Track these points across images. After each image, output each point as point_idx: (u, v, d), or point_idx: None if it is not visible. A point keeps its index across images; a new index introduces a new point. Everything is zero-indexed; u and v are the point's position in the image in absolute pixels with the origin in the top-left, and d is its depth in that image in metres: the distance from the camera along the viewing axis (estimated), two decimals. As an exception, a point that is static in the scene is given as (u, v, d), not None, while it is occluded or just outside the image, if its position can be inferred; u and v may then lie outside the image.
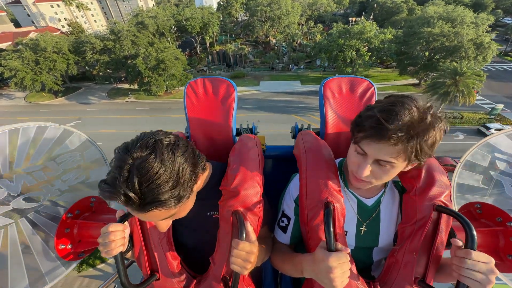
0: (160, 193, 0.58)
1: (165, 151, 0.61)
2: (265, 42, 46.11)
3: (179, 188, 0.62)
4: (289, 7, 36.91)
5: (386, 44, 24.90)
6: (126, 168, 0.57)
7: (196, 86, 1.16)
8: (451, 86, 18.46)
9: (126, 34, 28.96)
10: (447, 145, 18.52)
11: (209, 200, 0.89)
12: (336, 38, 25.79)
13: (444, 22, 24.32)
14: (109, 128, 23.44)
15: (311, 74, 34.58)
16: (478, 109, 22.73)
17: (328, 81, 1.14)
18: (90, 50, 28.76)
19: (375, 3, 44.27)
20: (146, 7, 51.69)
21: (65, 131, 1.19)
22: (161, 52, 25.80)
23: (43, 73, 27.47)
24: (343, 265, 0.63)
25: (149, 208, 0.59)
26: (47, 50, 27.64)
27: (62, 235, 0.98)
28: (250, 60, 39.39)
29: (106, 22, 36.28)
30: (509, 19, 47.89)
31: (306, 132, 1.10)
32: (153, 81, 25.24)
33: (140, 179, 0.56)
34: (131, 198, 0.56)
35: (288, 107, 25.95)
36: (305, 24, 41.49)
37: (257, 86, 31.42)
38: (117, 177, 0.56)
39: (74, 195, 1.13)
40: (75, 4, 53.00)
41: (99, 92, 32.57)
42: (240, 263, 0.68)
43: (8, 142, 1.02)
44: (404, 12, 36.82)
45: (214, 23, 37.03)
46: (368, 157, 0.68)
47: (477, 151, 1.13)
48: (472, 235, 0.63)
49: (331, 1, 49.63)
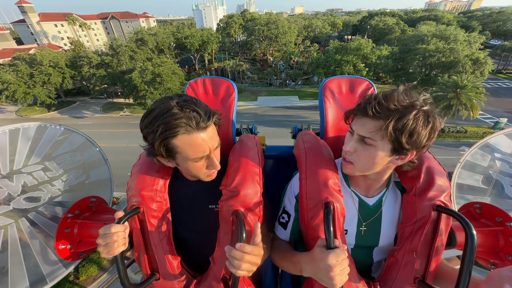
0: (208, 108, 0.75)
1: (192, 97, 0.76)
2: (262, 60, 47.21)
3: (208, 107, 0.76)
4: (286, 27, 38.19)
5: (382, 60, 25.11)
6: (174, 105, 0.69)
7: (196, 86, 1.17)
8: (453, 99, 18.08)
9: (125, 49, 29.13)
10: (453, 159, 17.72)
11: (210, 192, 0.90)
12: (333, 54, 26.05)
13: (438, 40, 24.84)
14: (100, 142, 22.23)
15: (309, 89, 34.72)
16: (480, 123, 22.39)
17: (328, 81, 1.14)
18: (87, 64, 28.65)
19: (368, 25, 46.29)
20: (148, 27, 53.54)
21: (65, 131, 1.19)
22: (158, 66, 25.68)
23: (37, 86, 26.98)
24: (342, 262, 0.62)
25: (211, 119, 0.73)
26: (43, 64, 27.43)
27: (62, 235, 0.97)
28: (248, 77, 39.83)
29: (108, 40, 37.10)
30: (495, 41, 50.46)
31: (306, 132, 1.10)
32: (148, 94, 24.75)
33: (193, 102, 0.72)
34: (200, 113, 0.69)
35: (287, 121, 25.39)
36: (301, 44, 42.75)
37: (255, 101, 31.15)
38: (174, 111, 0.68)
39: (74, 195, 1.13)
40: (78, 23, 54.71)
41: (93, 106, 32.00)
42: (247, 268, 0.66)
43: (8, 142, 1.02)
44: (397, 32, 38.16)
45: (213, 41, 37.88)
46: (354, 134, 0.73)
47: (477, 151, 1.13)
48: (472, 235, 0.63)
49: (326, 23, 52.02)
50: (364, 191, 0.86)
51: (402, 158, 0.71)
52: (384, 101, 0.64)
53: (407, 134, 0.63)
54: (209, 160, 0.78)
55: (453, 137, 20.45)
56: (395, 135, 0.63)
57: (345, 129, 1.11)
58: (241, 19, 46.66)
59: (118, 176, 17.04)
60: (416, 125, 0.62)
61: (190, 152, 0.73)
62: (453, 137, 20.47)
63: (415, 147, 0.66)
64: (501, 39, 48.43)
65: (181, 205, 0.92)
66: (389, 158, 0.71)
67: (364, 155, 0.71)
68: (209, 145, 0.74)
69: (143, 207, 0.83)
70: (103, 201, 1.18)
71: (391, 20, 42.72)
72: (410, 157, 0.70)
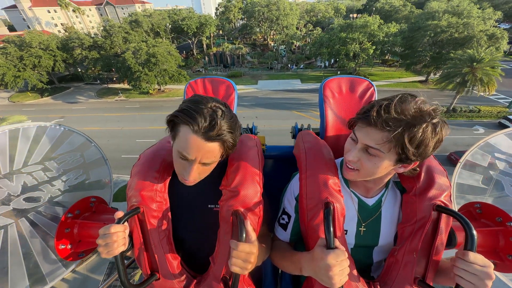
0: (229, 132, 0.72)
1: (232, 112, 0.78)
2: (263, 44, 45.50)
3: (236, 138, 0.76)
4: (287, 8, 36.32)
5: (391, 37, 23.62)
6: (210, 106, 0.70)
7: (196, 86, 1.18)
8: (468, 74, 16.80)
9: (118, 30, 27.70)
10: (466, 139, 16.74)
11: (210, 192, 0.90)
12: (338, 32, 24.55)
13: (450, 16, 23.25)
14: (93, 126, 21.46)
15: (312, 73, 33.31)
16: (493, 103, 21.18)
17: (328, 81, 1.13)
18: (79, 46, 27.31)
19: (373, 7, 44.14)
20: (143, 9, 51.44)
21: (65, 131, 1.20)
22: (152, 47, 24.34)
23: (27, 69, 25.81)
24: (342, 262, 0.62)
25: (219, 139, 0.71)
26: (33, 46, 26.14)
27: (62, 235, 0.97)
28: (248, 61, 38.34)
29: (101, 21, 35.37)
30: (505, 24, 48.18)
31: (306, 132, 1.09)
32: (142, 76, 23.51)
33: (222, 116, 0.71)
34: (214, 126, 0.68)
35: (289, 104, 24.24)
36: (304, 27, 40.96)
37: (255, 84, 29.88)
38: (203, 107, 0.68)
39: (74, 195, 1.13)
40: (72, 8, 52.74)
41: (88, 92, 30.88)
42: (240, 264, 0.68)
43: (8, 142, 1.02)
44: (406, 11, 36.09)
45: (211, 24, 36.18)
46: (358, 142, 0.70)
47: (477, 151, 1.13)
48: (472, 235, 0.63)
49: (329, 7, 49.80)
50: (364, 191, 0.85)
51: (405, 166, 0.70)
52: (394, 112, 0.60)
53: (415, 146, 0.61)
54: (188, 167, 0.75)
55: (465, 117, 19.34)
56: (403, 147, 0.62)
57: (345, 129, 1.09)
58: (240, 2, 44.56)
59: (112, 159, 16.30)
60: (425, 137, 0.60)
61: (180, 144, 0.72)
62: (466, 116, 19.34)
63: (421, 157, 0.65)
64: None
65: (181, 204, 0.91)
66: (393, 167, 0.70)
67: (368, 165, 0.69)
68: (199, 155, 0.72)
69: (143, 207, 0.83)
70: (103, 201, 1.17)
71: (398, 2, 40.59)
72: (414, 165, 0.70)
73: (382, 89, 26.88)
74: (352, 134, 0.73)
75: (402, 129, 0.59)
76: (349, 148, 0.74)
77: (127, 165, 15.55)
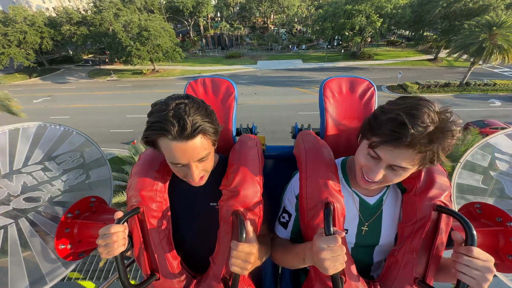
0: (204, 122, 0.69)
1: (197, 99, 0.73)
2: (263, 27, 43.67)
3: (214, 123, 0.74)
4: (288, -14, 34.46)
5: (399, 9, 22.05)
6: (171, 107, 0.67)
7: (196, 86, 1.18)
8: (486, 41, 15.41)
9: (109, 5, 26.05)
10: (483, 111, 15.54)
11: (212, 190, 0.90)
12: (343, 5, 22.95)
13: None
14: (81, 104, 20.17)
15: (314, 53, 31.76)
16: (505, 78, 19.85)
17: (328, 81, 1.14)
18: (67, 22, 25.70)
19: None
20: None
21: (65, 131, 1.20)
22: (145, 20, 22.78)
23: (12, 46, 24.28)
24: (334, 249, 0.61)
25: (197, 133, 0.68)
26: (17, 21, 24.55)
27: (62, 235, 0.97)
28: (247, 43, 36.67)
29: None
30: None
31: (306, 132, 1.09)
32: (134, 50, 22.03)
33: (188, 110, 0.67)
34: (185, 124, 0.65)
35: (290, 81, 22.89)
36: (306, 10, 39.09)
37: (255, 64, 28.41)
38: (165, 113, 0.66)
39: (74, 195, 1.13)
40: (63, -9, 50.53)
41: (79, 73, 29.40)
42: (240, 264, 0.69)
43: (8, 142, 1.02)
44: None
45: (208, 2, 34.37)
46: (382, 162, 0.67)
47: (477, 151, 1.13)
48: (472, 235, 0.64)
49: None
50: (365, 191, 0.85)
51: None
52: (421, 127, 0.57)
53: (446, 152, 0.62)
54: (188, 170, 0.75)
55: (480, 91, 18.10)
56: (432, 158, 0.61)
57: (345, 129, 1.08)
58: (239, -17, 42.50)
59: (100, 134, 14.64)
60: (451, 145, 0.61)
61: (167, 155, 0.73)
62: (480, 90, 18.12)
63: (436, 162, 0.65)
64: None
65: (181, 204, 0.92)
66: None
67: (393, 179, 0.69)
68: (189, 156, 0.71)
69: (143, 207, 0.83)
70: (103, 201, 1.17)
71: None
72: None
73: (389, 67, 25.45)
74: (371, 151, 0.67)
75: (435, 146, 0.58)
76: (369, 166, 0.70)
77: (115, 140, 14.50)
